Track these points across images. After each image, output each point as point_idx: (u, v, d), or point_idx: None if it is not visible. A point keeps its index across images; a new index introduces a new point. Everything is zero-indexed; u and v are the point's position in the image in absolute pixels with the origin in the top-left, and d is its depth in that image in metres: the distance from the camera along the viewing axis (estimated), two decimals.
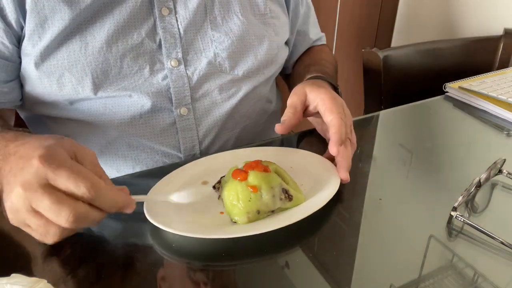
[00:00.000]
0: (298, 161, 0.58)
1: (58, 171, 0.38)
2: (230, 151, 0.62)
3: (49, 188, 0.38)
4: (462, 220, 0.49)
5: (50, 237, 0.40)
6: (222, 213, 0.49)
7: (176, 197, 0.48)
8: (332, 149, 0.53)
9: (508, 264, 0.44)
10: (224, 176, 0.52)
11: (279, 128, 0.58)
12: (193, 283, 0.42)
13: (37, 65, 0.59)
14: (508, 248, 0.45)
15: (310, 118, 0.67)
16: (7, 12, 0.57)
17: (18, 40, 0.60)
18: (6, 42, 0.59)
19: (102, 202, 0.40)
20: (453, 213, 0.49)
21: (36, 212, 0.39)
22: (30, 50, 0.59)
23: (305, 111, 0.62)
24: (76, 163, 0.41)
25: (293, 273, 0.43)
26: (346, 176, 0.53)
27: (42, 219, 0.39)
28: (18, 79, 0.63)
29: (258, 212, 0.47)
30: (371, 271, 0.43)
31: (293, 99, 0.60)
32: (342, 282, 0.42)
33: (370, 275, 0.43)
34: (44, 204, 0.38)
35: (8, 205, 0.40)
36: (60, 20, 0.58)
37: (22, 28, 0.59)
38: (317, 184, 0.53)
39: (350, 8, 1.71)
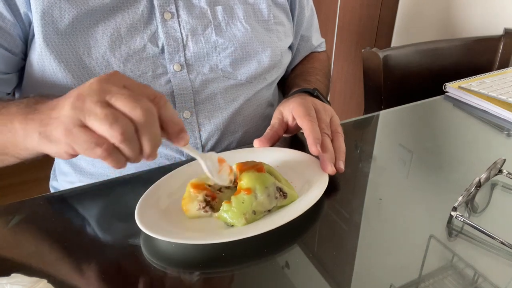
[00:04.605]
0: (283, 160, 0.59)
1: (135, 81, 0.39)
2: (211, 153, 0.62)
3: (107, 104, 0.37)
4: (462, 220, 0.49)
5: (117, 128, 0.37)
6: (217, 218, 0.49)
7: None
8: (311, 150, 0.55)
9: (508, 264, 0.44)
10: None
11: (256, 143, 0.61)
12: None
13: (39, 63, 0.59)
14: (508, 248, 0.45)
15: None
16: (18, 5, 0.57)
17: (26, 35, 0.60)
18: (13, 34, 0.58)
19: (168, 112, 0.40)
20: (453, 213, 0.49)
21: (107, 104, 0.37)
22: (34, 47, 0.59)
23: (289, 128, 0.65)
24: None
25: (293, 273, 0.43)
26: (331, 169, 0.54)
27: (112, 109, 0.37)
28: (16, 74, 0.63)
29: (254, 212, 0.47)
30: (371, 271, 0.43)
31: (272, 120, 0.65)
32: (342, 282, 0.42)
33: (370, 275, 0.43)
34: (122, 94, 0.37)
35: (68, 102, 0.38)
36: (59, 18, 0.58)
37: (30, 23, 0.58)
38: (306, 181, 0.54)
39: (350, 8, 1.71)
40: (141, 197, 0.50)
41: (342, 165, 0.55)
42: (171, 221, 0.48)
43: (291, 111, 0.62)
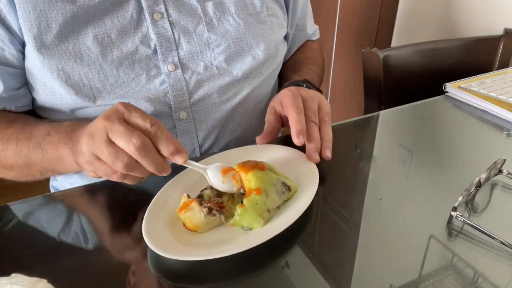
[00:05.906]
0: (274, 157, 0.58)
1: (133, 111, 0.47)
2: (205, 159, 0.60)
3: (124, 121, 0.46)
4: (462, 220, 0.49)
5: (119, 164, 0.45)
6: (232, 225, 0.48)
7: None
8: (294, 141, 0.55)
9: (508, 264, 0.44)
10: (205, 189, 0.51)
11: (259, 140, 0.61)
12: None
13: (35, 73, 0.59)
14: (508, 248, 0.45)
15: None
16: (10, 22, 0.57)
17: (24, 47, 0.59)
18: (13, 50, 0.58)
19: (160, 140, 0.46)
20: (453, 213, 0.49)
21: (110, 142, 0.45)
22: (27, 58, 0.59)
23: (283, 119, 0.64)
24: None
25: (293, 273, 0.43)
26: (315, 158, 0.55)
27: (114, 147, 0.45)
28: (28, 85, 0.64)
29: (269, 211, 0.47)
30: (371, 271, 0.43)
31: (267, 116, 0.65)
32: (342, 282, 0.42)
33: (370, 275, 0.43)
34: (118, 131, 0.45)
35: (84, 140, 0.47)
36: (47, 28, 0.57)
37: None
38: (297, 175, 0.53)
39: (350, 8, 1.71)
40: (146, 214, 0.47)
41: (328, 153, 0.56)
42: (181, 238, 0.46)
43: (281, 103, 0.62)
